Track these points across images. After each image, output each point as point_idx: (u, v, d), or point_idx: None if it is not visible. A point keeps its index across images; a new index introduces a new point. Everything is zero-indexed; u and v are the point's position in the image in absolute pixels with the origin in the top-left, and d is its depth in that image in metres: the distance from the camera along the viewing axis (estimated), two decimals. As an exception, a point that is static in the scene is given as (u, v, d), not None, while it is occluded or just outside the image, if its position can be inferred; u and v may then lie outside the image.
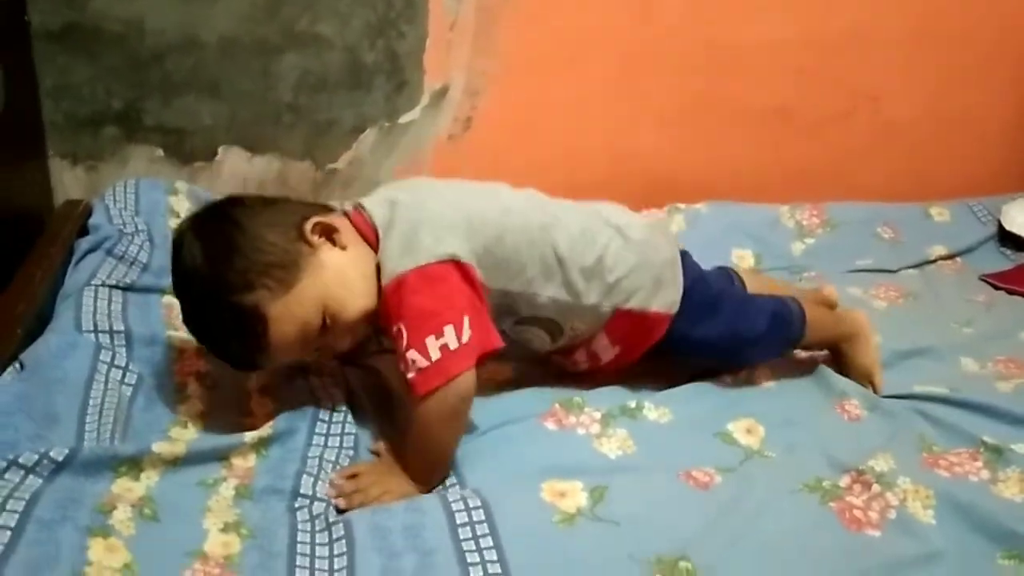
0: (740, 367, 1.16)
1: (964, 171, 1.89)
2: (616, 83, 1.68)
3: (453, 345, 0.91)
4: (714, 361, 1.16)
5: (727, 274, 1.28)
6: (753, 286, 1.26)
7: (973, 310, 1.45)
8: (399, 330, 0.92)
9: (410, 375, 0.92)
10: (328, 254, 0.96)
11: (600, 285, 1.05)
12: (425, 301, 0.92)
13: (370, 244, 0.98)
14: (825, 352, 1.22)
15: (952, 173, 1.88)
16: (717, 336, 1.10)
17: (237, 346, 0.96)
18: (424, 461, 0.95)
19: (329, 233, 0.97)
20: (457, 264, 0.95)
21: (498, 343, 0.96)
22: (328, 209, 1.03)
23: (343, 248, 0.97)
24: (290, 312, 0.93)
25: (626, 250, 1.06)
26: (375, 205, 1.00)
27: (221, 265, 0.93)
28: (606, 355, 1.11)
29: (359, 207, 1.02)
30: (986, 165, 1.91)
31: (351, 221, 1.01)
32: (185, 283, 0.97)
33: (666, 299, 1.08)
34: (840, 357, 1.19)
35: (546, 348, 1.10)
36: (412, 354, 0.91)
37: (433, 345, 0.91)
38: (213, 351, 1.00)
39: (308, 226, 0.96)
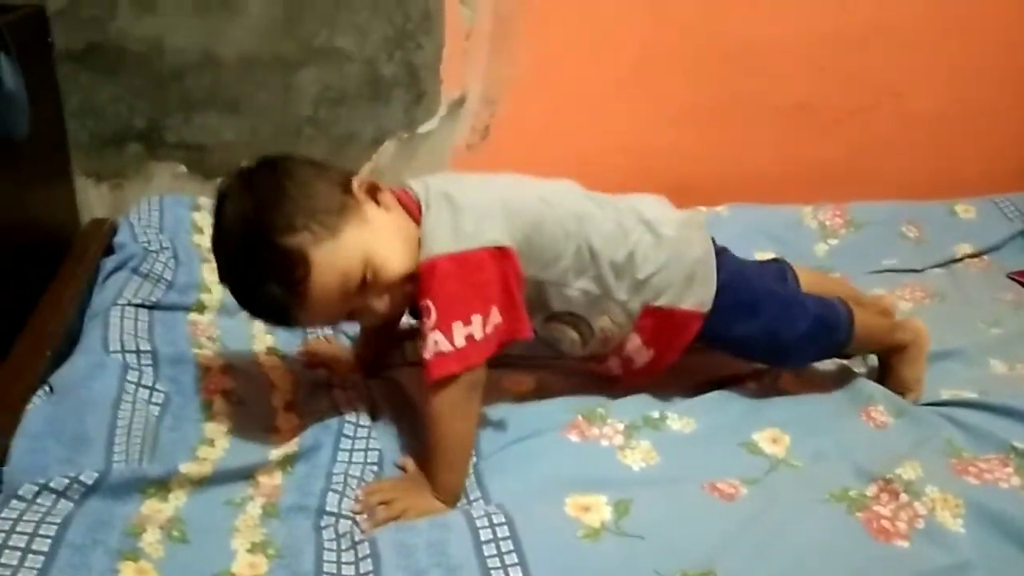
0: (780, 368, 1.15)
1: (989, 166, 1.86)
2: (633, 85, 1.68)
3: (478, 335, 0.92)
4: (753, 359, 1.15)
5: (780, 270, 1.24)
6: (812, 285, 1.23)
7: (1001, 309, 1.43)
8: (427, 306, 0.93)
9: (428, 355, 0.92)
10: (374, 211, 0.96)
11: (630, 281, 1.05)
12: (458, 287, 0.93)
13: (413, 217, 0.99)
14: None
15: (977, 168, 1.85)
16: (754, 336, 1.08)
17: (277, 294, 0.92)
18: (441, 457, 0.95)
19: (375, 192, 0.97)
20: (498, 251, 0.95)
21: (528, 332, 0.97)
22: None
23: (387, 209, 0.97)
24: (333, 259, 0.91)
25: (657, 247, 1.05)
26: (419, 186, 1.01)
27: (268, 207, 0.91)
28: (640, 358, 1.10)
29: (402, 186, 1.02)
30: (1012, 159, 1.88)
31: (397, 197, 1.01)
32: (228, 228, 0.94)
33: (698, 297, 1.06)
34: (887, 366, 1.17)
35: (576, 351, 1.10)
36: (436, 335, 0.92)
37: (460, 332, 0.92)
38: (249, 304, 0.97)
39: (356, 182, 0.96)
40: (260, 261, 0.92)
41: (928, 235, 1.65)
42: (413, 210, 0.99)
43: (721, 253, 1.11)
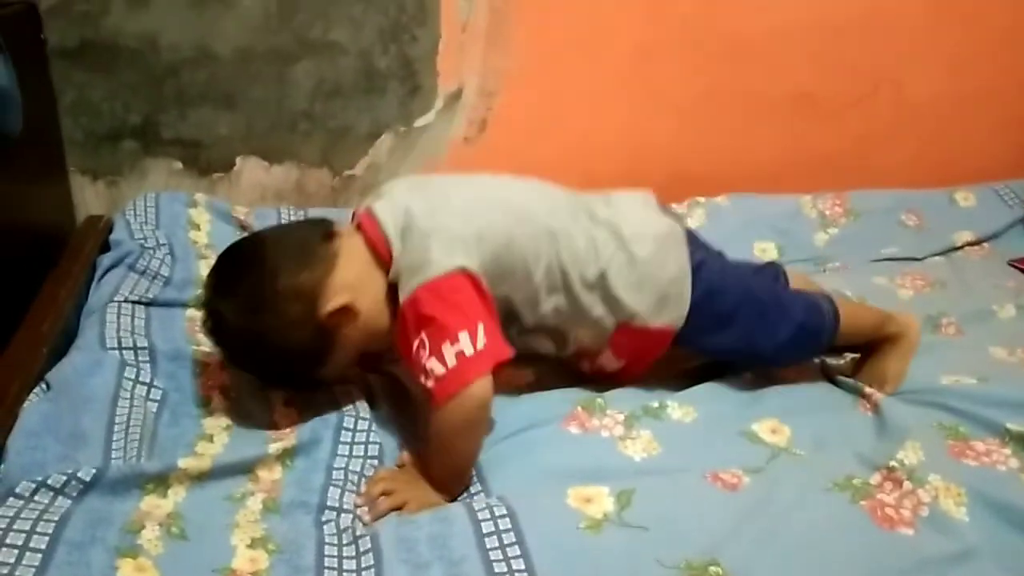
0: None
1: (989, 153, 1.85)
2: (631, 76, 1.67)
3: (469, 351, 0.91)
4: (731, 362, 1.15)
5: (774, 274, 1.23)
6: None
7: (1002, 296, 1.42)
8: (421, 341, 0.93)
9: (429, 384, 0.92)
10: (349, 329, 0.99)
11: (603, 299, 1.04)
12: (439, 311, 0.93)
13: (381, 257, 0.99)
14: None
15: (977, 155, 1.85)
16: (730, 346, 1.09)
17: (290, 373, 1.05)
18: (445, 470, 0.95)
19: (344, 314, 0.98)
20: (467, 274, 0.95)
21: (508, 353, 0.96)
22: (331, 231, 1.02)
23: (360, 314, 0.98)
24: (333, 369, 1.03)
25: (630, 266, 1.04)
26: (388, 215, 1.00)
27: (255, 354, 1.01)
28: (611, 365, 1.11)
29: (371, 215, 1.01)
30: (1012, 146, 1.87)
31: (365, 234, 1.01)
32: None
33: (670, 315, 1.06)
34: (872, 354, 1.16)
35: (552, 355, 1.10)
36: (431, 363, 0.92)
37: (449, 352, 0.91)
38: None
39: (324, 315, 0.97)
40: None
41: (928, 223, 1.65)
42: (382, 251, 0.99)
43: (700, 267, 1.08)
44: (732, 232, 1.56)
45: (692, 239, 1.12)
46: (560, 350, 1.09)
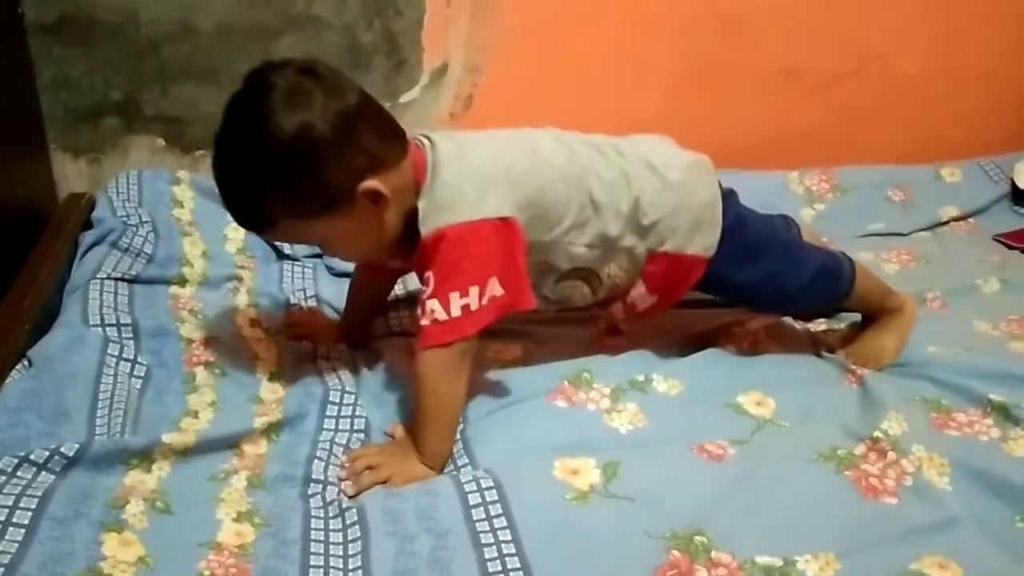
0: (779, 314, 1.17)
1: (976, 129, 1.85)
2: (617, 50, 1.66)
3: (474, 306, 0.92)
4: (755, 305, 1.16)
5: (786, 223, 1.25)
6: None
7: (986, 271, 1.43)
8: (428, 278, 0.93)
9: (424, 322, 0.92)
10: (362, 214, 0.93)
11: (635, 228, 1.03)
12: (459, 257, 0.92)
13: (417, 182, 0.95)
14: None
15: (964, 131, 1.84)
16: (758, 281, 1.08)
17: (241, 211, 0.95)
18: (429, 423, 0.94)
19: (376, 198, 0.93)
20: (501, 222, 0.94)
21: (530, 303, 0.96)
22: (402, 139, 0.97)
23: (380, 211, 0.93)
24: (295, 231, 0.95)
25: (663, 193, 1.04)
26: (429, 148, 0.97)
27: (274, 153, 0.88)
28: (643, 303, 1.10)
29: (423, 143, 0.98)
30: (998, 122, 1.87)
31: (412, 157, 0.97)
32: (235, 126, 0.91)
33: (703, 242, 1.05)
34: (872, 325, 1.17)
35: (587, 301, 1.10)
36: (433, 303, 0.92)
37: (456, 302, 0.91)
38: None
39: (361, 188, 0.91)
40: (235, 178, 0.92)
41: (914, 199, 1.65)
42: (419, 175, 0.95)
43: (728, 196, 1.10)
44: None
45: None
46: (595, 293, 1.08)
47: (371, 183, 0.91)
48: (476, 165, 0.96)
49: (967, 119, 1.86)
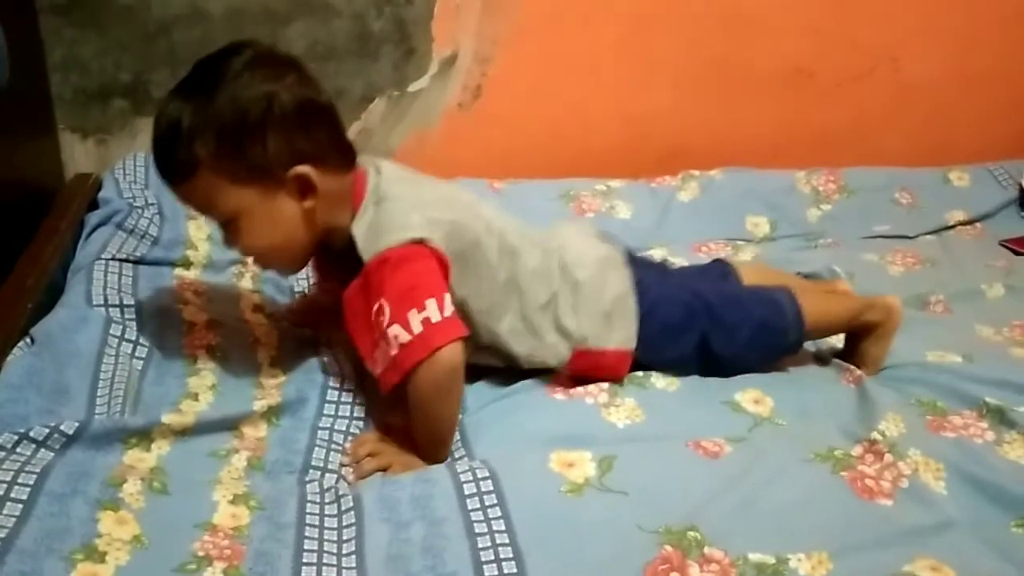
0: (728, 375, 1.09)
1: (985, 134, 1.85)
2: (628, 46, 1.66)
3: (435, 318, 0.90)
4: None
5: (722, 271, 1.21)
6: (753, 279, 1.20)
7: (991, 276, 1.42)
8: (380, 307, 0.91)
9: (393, 352, 0.90)
10: (283, 202, 0.93)
11: (554, 324, 1.04)
12: (408, 276, 0.91)
13: (353, 206, 0.96)
14: None
15: (973, 136, 1.84)
16: (687, 356, 1.07)
17: (167, 147, 0.94)
18: (426, 437, 0.94)
19: (305, 190, 0.94)
20: (437, 254, 0.93)
21: (464, 331, 0.93)
22: (352, 157, 0.99)
23: (301, 208, 0.94)
24: (208, 192, 0.93)
25: (574, 292, 1.04)
26: (387, 169, 0.98)
27: (220, 118, 0.89)
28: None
29: (369, 170, 0.99)
30: (1008, 128, 1.87)
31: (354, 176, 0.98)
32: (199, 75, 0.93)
33: (621, 335, 1.04)
34: (854, 343, 1.14)
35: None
36: (395, 329, 0.90)
37: (415, 318, 0.89)
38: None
39: (295, 171, 0.92)
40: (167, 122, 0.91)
41: (921, 202, 1.65)
42: (355, 202, 0.96)
43: (639, 284, 1.07)
44: (725, 205, 1.56)
45: (631, 259, 1.12)
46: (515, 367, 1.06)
47: (306, 169, 0.92)
48: (422, 197, 0.97)
49: (978, 123, 1.85)
